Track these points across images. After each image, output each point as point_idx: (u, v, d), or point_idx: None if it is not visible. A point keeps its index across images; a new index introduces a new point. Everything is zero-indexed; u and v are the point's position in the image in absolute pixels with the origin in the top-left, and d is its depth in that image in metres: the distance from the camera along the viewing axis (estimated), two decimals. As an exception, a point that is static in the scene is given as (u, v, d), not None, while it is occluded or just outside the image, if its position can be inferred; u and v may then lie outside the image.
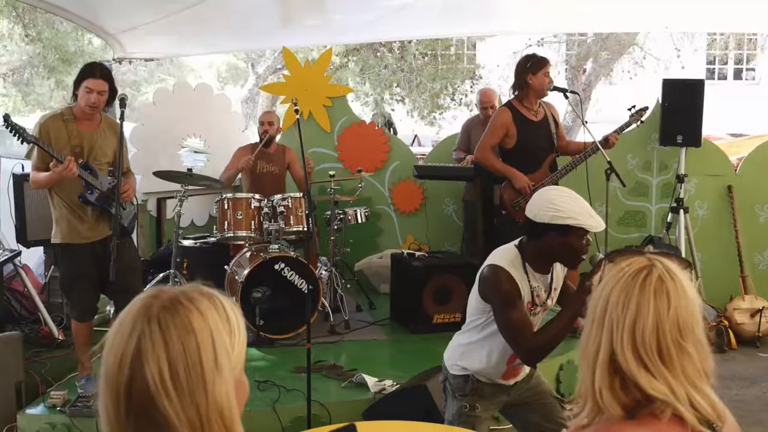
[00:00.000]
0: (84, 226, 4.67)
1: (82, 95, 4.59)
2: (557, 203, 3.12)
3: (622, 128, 5.82)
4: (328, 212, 6.52)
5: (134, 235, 5.46)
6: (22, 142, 4.48)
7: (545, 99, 5.82)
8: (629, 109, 5.95)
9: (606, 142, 5.63)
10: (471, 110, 18.28)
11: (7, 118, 4.42)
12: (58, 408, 4.42)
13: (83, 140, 4.64)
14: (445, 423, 3.53)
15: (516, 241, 3.33)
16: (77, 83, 4.62)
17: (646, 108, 5.96)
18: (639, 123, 5.93)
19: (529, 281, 3.25)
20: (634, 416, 1.56)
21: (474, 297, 3.36)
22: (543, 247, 3.19)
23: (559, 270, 3.41)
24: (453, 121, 18.17)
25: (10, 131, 4.42)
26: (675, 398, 1.54)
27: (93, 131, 4.66)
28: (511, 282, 3.17)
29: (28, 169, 6.20)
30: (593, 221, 3.11)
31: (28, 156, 4.66)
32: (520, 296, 3.20)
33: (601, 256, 3.25)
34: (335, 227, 6.49)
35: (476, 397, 3.40)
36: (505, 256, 3.25)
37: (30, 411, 4.46)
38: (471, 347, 3.40)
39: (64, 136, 4.61)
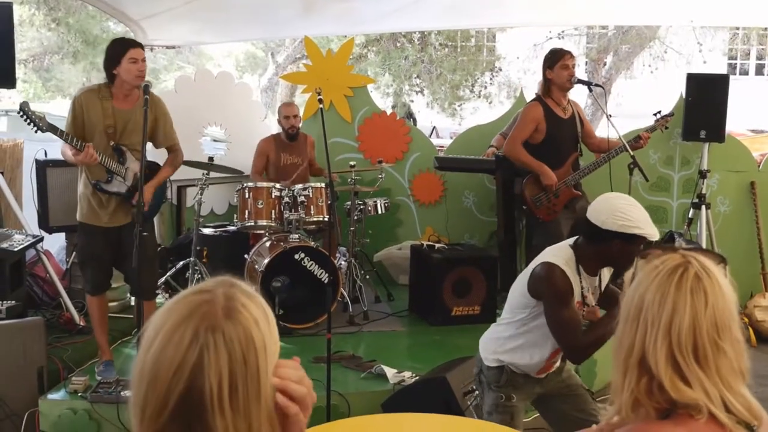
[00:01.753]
0: (103, 211, 4.68)
1: (128, 68, 4.56)
2: (627, 212, 3.17)
3: (647, 131, 5.77)
4: (348, 203, 6.52)
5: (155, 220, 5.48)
6: (36, 131, 4.46)
7: (571, 95, 5.78)
8: (655, 114, 5.93)
9: (637, 140, 5.57)
10: (491, 102, 18.22)
11: (23, 106, 4.40)
12: (79, 393, 4.45)
13: (117, 120, 4.61)
14: (484, 415, 3.57)
15: (570, 241, 3.37)
16: (116, 60, 4.60)
17: (672, 114, 5.93)
18: (664, 129, 5.90)
19: (580, 282, 3.31)
20: (670, 415, 1.55)
21: (519, 292, 3.39)
22: (603, 251, 3.24)
23: (605, 273, 3.47)
24: (473, 113, 18.11)
25: (25, 120, 4.40)
26: (708, 400, 1.52)
27: (129, 109, 4.61)
28: (565, 280, 3.22)
29: (51, 154, 6.25)
30: (654, 231, 3.19)
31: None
32: (573, 295, 3.25)
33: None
34: (355, 218, 6.48)
35: (511, 387, 3.45)
36: (560, 255, 3.30)
37: (52, 396, 4.48)
38: (511, 341, 3.45)
39: (98, 114, 4.60)
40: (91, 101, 4.62)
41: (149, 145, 4.83)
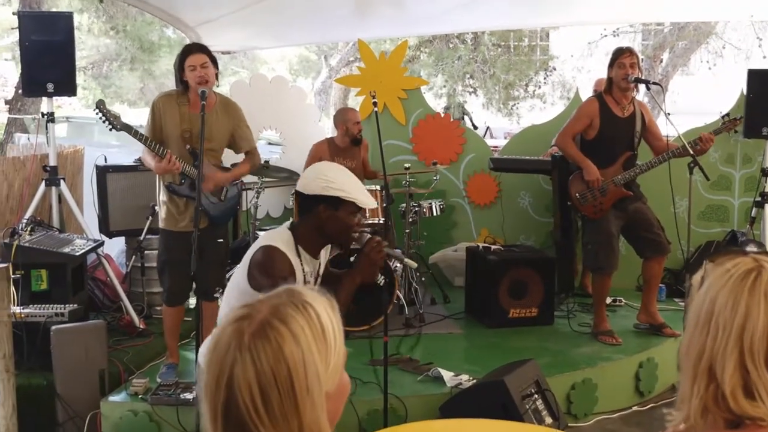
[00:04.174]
0: (180, 215, 4.73)
1: (189, 76, 4.60)
2: (329, 175, 3.08)
3: (712, 133, 5.65)
4: (403, 205, 6.51)
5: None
6: (111, 130, 4.53)
7: (638, 96, 5.71)
8: (723, 117, 5.84)
9: (697, 143, 5.43)
10: (544, 102, 18.08)
11: (99, 104, 4.49)
12: (140, 396, 4.51)
13: (193, 124, 4.62)
14: None
15: (287, 223, 3.23)
16: (180, 68, 4.65)
17: (741, 118, 5.82)
18: (733, 132, 5.79)
19: (302, 265, 3.14)
20: (739, 426, 1.50)
21: (240, 289, 3.16)
22: (314, 222, 3.10)
23: (323, 256, 3.33)
24: (528, 112, 17.98)
25: (101, 118, 4.48)
26: None
27: (205, 113, 4.54)
28: (285, 262, 3.05)
29: (111, 160, 6.36)
30: (365, 197, 3.08)
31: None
32: (295, 280, 3.06)
33: (368, 235, 3.21)
34: (410, 220, 6.46)
35: None
36: (277, 237, 3.13)
37: (113, 398, 4.55)
38: None
39: (175, 118, 4.65)
40: (168, 105, 4.68)
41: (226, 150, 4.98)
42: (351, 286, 3.19)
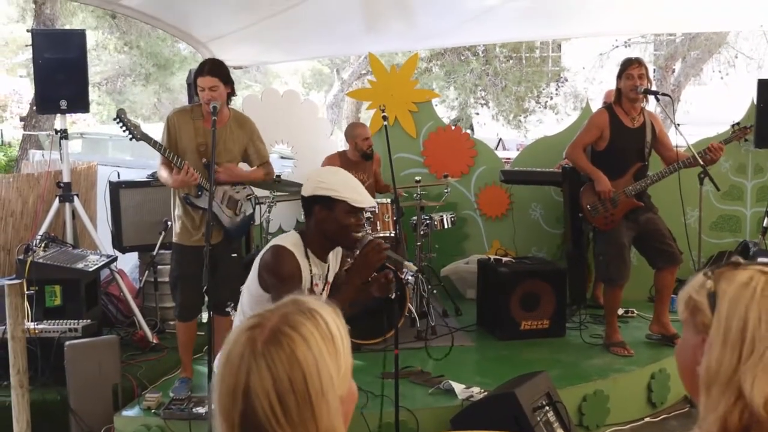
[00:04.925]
0: (195, 230, 4.76)
1: (199, 95, 4.65)
2: (322, 176, 3.14)
3: (723, 142, 5.65)
4: (414, 218, 6.52)
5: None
6: (131, 139, 4.58)
7: (649, 107, 5.72)
8: (733, 126, 5.84)
9: (707, 152, 5.43)
10: (557, 113, 18.06)
11: (120, 113, 4.55)
12: (152, 410, 4.53)
13: (208, 138, 4.63)
14: None
15: (299, 228, 3.30)
16: (195, 86, 4.71)
17: (752, 127, 5.81)
18: (743, 140, 5.79)
19: (310, 267, 3.19)
20: None
21: (251, 292, 3.23)
22: (315, 225, 3.15)
23: (332, 260, 3.36)
24: (538, 124, 17.96)
25: (121, 127, 4.54)
26: None
27: (219, 128, 4.59)
28: (293, 262, 3.10)
29: (123, 176, 6.41)
30: (358, 196, 3.09)
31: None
32: (301, 279, 3.12)
33: (370, 237, 3.22)
34: (421, 232, 6.48)
35: None
36: (287, 239, 3.19)
37: (126, 413, 4.58)
38: None
39: (190, 133, 4.70)
40: (183, 121, 4.73)
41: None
42: (348, 288, 3.21)
